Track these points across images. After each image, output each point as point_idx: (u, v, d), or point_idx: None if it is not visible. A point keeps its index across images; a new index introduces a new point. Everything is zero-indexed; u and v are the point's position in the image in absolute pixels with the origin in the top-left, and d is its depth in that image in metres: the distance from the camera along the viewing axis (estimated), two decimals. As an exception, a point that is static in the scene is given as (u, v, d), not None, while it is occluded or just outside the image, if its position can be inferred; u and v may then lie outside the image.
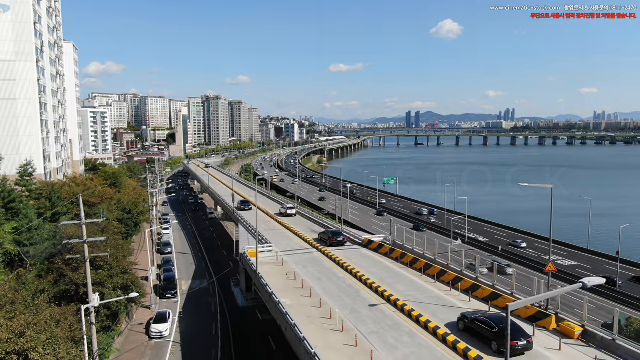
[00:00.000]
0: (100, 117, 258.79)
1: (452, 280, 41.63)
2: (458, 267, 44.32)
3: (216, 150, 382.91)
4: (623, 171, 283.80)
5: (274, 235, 64.54)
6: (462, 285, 40.09)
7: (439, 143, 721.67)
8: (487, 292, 37.89)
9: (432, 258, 47.81)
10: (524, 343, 28.71)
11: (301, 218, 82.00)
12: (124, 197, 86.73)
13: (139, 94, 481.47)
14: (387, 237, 58.19)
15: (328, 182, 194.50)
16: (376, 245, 54.90)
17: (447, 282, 41.92)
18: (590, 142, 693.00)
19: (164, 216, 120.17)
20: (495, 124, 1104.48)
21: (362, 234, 61.97)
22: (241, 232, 66.53)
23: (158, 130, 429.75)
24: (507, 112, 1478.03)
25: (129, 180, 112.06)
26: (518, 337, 28.63)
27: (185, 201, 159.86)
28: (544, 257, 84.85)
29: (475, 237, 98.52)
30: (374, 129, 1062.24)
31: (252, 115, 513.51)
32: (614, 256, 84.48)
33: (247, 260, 50.62)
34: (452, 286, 40.97)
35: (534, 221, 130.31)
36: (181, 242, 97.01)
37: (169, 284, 62.47)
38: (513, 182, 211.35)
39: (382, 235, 59.31)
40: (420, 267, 46.15)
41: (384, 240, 57.30)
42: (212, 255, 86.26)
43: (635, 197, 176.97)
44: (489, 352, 29.13)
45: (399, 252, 50.44)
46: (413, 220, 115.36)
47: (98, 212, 56.70)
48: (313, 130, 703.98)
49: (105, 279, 41.38)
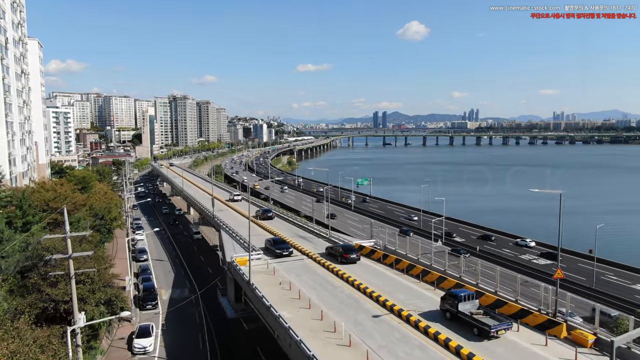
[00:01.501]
0: (63, 118, 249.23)
1: (452, 287, 40.57)
2: (456, 272, 43.38)
3: (184, 151, 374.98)
4: (585, 170, 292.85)
5: (258, 241, 62.35)
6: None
7: (407, 143, 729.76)
8: (491, 299, 36.99)
9: (428, 264, 46.74)
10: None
11: (281, 221, 79.90)
12: (96, 202, 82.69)
13: (102, 93, 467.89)
14: (377, 242, 56.82)
15: (317, 187, 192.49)
16: (368, 250, 53.48)
17: (448, 289, 40.84)
18: (551, 142, 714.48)
19: (136, 221, 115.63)
20: (460, 124, 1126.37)
21: (351, 239, 60.38)
22: (224, 238, 63.82)
23: (123, 130, 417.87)
24: (471, 113, 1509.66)
25: (100, 184, 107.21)
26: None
27: (156, 204, 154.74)
28: (520, 255, 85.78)
29: (452, 237, 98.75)
30: (342, 129, 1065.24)
31: (220, 116, 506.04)
32: (587, 254, 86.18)
33: (236, 269, 48.25)
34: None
35: (501, 219, 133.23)
36: (156, 248, 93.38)
37: (149, 294, 59.36)
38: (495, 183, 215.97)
39: (372, 241, 57.95)
40: (417, 274, 45.01)
41: (374, 246, 55.95)
42: (191, 261, 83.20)
43: (600, 195, 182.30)
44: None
45: (392, 258, 49.18)
46: (392, 221, 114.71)
47: (74, 220, 53.06)
48: (281, 130, 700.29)
49: (87, 294, 38.41)
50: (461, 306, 33.94)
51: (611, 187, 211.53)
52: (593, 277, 70.82)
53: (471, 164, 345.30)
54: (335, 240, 60.45)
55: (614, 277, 74.12)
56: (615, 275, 74.91)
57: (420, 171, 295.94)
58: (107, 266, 44.43)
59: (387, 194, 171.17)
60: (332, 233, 63.66)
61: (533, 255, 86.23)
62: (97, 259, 42.99)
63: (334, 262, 50.48)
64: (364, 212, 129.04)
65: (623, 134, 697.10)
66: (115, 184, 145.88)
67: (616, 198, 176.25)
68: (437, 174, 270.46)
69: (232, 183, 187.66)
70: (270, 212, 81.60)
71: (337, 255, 51.16)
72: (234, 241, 61.90)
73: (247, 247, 47.32)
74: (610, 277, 73.91)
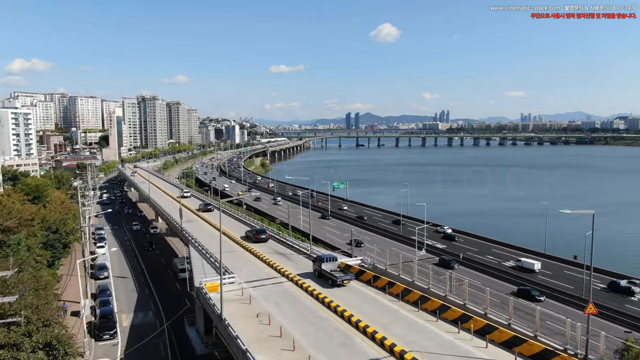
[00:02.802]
0: (23, 119, 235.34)
1: (457, 318, 35.13)
2: (460, 300, 37.96)
3: (154, 153, 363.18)
4: (558, 170, 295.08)
5: (232, 258, 55.82)
6: (473, 325, 33.51)
7: (380, 144, 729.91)
8: (507, 336, 31.67)
9: (425, 287, 41.29)
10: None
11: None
12: (50, 213, 74.77)
13: (68, 94, 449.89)
14: (364, 260, 51.04)
15: (293, 190, 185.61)
16: (355, 270, 47.63)
17: (453, 321, 35.39)
18: (520, 143, 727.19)
19: (98, 231, 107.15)
20: (432, 125, 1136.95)
21: (336, 255, 54.31)
22: (193, 256, 56.88)
23: (89, 132, 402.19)
24: (442, 114, 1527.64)
25: (57, 192, 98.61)
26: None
27: (122, 211, 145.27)
28: (504, 262, 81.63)
29: (433, 244, 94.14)
30: (315, 130, 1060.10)
31: (191, 117, 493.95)
32: (571, 260, 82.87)
33: (206, 298, 41.60)
34: (460, 326, 34.41)
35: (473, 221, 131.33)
36: (119, 262, 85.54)
37: (107, 321, 52.14)
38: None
39: (359, 258, 52.11)
40: (414, 300, 39.40)
41: (361, 264, 50.17)
42: (157, 278, 75.94)
43: (578, 196, 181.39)
44: None
45: (384, 281, 43.50)
46: (370, 227, 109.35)
47: (12, 243, 45.52)
48: (254, 131, 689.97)
49: (20, 338, 31.38)
50: (324, 265, 47.11)
51: (586, 188, 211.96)
52: (583, 286, 66.28)
53: (446, 165, 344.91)
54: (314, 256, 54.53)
55: (602, 285, 70.20)
56: (603, 283, 71.05)
57: (396, 172, 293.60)
58: (48, 299, 37.24)
59: (363, 197, 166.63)
60: (314, 249, 57.51)
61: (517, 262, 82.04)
62: (38, 292, 35.90)
63: (317, 284, 44.96)
64: (341, 218, 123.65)
65: (589, 135, 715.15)
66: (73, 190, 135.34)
67: (593, 199, 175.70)
68: (413, 175, 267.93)
69: (204, 187, 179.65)
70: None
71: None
72: (204, 260, 55.11)
73: (219, 268, 40.79)
74: (598, 285, 69.88)
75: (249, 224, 79.01)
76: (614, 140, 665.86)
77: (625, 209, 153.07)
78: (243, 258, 57.41)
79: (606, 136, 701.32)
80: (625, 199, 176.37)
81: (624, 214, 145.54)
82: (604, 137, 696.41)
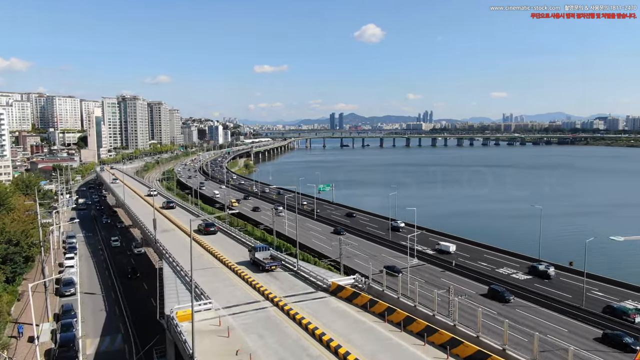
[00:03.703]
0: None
1: (472, 355, 30.04)
2: (473, 332, 32.78)
3: (134, 155, 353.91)
4: (543, 170, 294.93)
5: (210, 276, 50.04)
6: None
7: (365, 145, 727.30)
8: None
9: (429, 314, 36.07)
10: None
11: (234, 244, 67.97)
12: (11, 223, 68.22)
13: (46, 93, 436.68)
14: (357, 279, 45.70)
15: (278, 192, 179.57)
16: (349, 293, 42.10)
17: (466, 358, 30.28)
18: (503, 143, 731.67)
19: (69, 239, 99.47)
20: (416, 126, 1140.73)
21: (326, 274, 48.83)
22: (166, 275, 50.61)
23: (68, 132, 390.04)
24: (425, 114, 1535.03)
25: (22, 199, 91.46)
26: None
27: (98, 218, 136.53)
28: (498, 269, 77.10)
29: (423, 249, 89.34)
30: (299, 130, 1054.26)
31: (174, 117, 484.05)
32: (567, 267, 78.91)
33: (176, 330, 35.50)
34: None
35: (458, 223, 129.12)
36: (89, 275, 78.82)
37: (67, 350, 45.78)
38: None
39: (352, 277, 46.65)
40: (419, 331, 34.15)
41: (355, 284, 44.82)
42: (130, 293, 69.61)
43: (564, 196, 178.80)
44: None
45: (383, 306, 38.10)
46: (358, 231, 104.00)
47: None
48: (238, 132, 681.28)
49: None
50: (257, 254, 54.89)
51: (577, 189, 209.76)
52: (583, 295, 61.98)
53: (431, 165, 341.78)
54: (304, 275, 49.09)
55: (600, 294, 66.15)
56: (601, 291, 67.09)
57: (383, 173, 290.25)
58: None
59: (349, 199, 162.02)
60: (301, 265, 51.95)
61: (510, 269, 77.80)
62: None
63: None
64: (327, 222, 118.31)
65: (573, 136, 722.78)
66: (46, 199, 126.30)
67: (580, 200, 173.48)
68: (401, 175, 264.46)
69: (186, 190, 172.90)
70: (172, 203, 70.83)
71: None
72: (178, 279, 49.17)
73: (193, 292, 35.13)
74: (595, 294, 65.89)
75: (246, 243, 67.93)
76: (594, 141, 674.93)
77: (614, 210, 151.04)
78: (221, 275, 51.67)
79: (587, 136, 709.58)
80: (615, 199, 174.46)
81: (614, 215, 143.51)
82: (584, 137, 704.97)
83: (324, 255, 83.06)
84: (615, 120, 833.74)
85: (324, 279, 45.84)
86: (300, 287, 46.29)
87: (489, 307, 58.76)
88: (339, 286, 43.09)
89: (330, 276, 46.53)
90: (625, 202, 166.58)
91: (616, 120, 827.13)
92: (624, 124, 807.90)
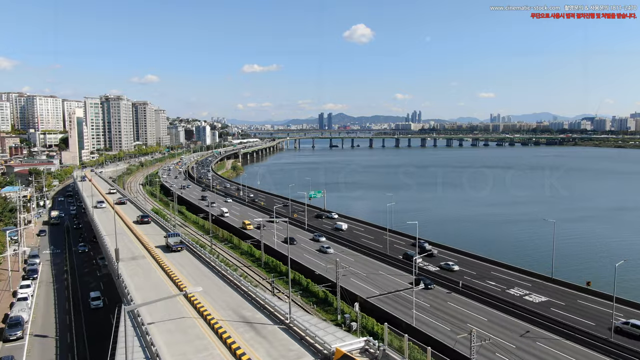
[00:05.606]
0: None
1: None
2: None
3: (118, 156, 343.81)
4: (536, 171, 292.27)
5: (179, 334, 41.22)
6: None
7: (354, 145, 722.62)
8: None
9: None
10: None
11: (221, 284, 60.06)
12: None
13: (26, 93, 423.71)
14: (370, 343, 36.69)
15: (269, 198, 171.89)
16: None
17: None
18: (492, 144, 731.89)
19: (31, 259, 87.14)
20: (404, 126, 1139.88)
21: (327, 329, 40.04)
22: (127, 332, 34.04)
23: (49, 134, 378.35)
24: (414, 114, 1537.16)
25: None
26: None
27: (70, 228, 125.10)
28: (508, 290, 70.52)
29: (425, 266, 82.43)
30: (288, 130, 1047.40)
31: (160, 117, 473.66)
32: (584, 287, 71.85)
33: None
34: None
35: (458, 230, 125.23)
36: (46, 309, 66.60)
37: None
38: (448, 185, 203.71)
39: (362, 340, 37.33)
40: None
41: (366, 348, 36.43)
42: (93, 335, 57.54)
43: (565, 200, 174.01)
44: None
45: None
46: (352, 244, 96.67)
47: None
48: (226, 132, 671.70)
49: None
50: (169, 240, 73.47)
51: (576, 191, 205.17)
52: (612, 324, 55.00)
53: (423, 167, 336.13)
54: (299, 331, 40.02)
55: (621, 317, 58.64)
56: (628, 318, 58.93)
57: (375, 175, 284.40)
58: None
59: (341, 205, 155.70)
60: (295, 319, 42.15)
61: (523, 290, 71.01)
62: None
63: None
64: (319, 232, 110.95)
65: (559, 137, 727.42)
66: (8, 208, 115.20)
67: (586, 203, 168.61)
68: (393, 178, 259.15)
69: (169, 197, 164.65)
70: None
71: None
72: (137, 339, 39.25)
73: None
74: (619, 317, 58.11)
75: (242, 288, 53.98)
76: (582, 141, 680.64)
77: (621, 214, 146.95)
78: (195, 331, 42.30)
79: (575, 137, 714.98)
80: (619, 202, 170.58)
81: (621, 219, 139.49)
82: (572, 138, 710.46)
83: (318, 277, 75.85)
84: (602, 120, 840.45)
85: (325, 343, 36.41)
86: (294, 354, 37.08)
87: (505, 338, 52.02)
88: (346, 356, 33.94)
89: (333, 333, 37.68)
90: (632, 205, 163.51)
91: (603, 121, 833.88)
92: (610, 124, 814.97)
